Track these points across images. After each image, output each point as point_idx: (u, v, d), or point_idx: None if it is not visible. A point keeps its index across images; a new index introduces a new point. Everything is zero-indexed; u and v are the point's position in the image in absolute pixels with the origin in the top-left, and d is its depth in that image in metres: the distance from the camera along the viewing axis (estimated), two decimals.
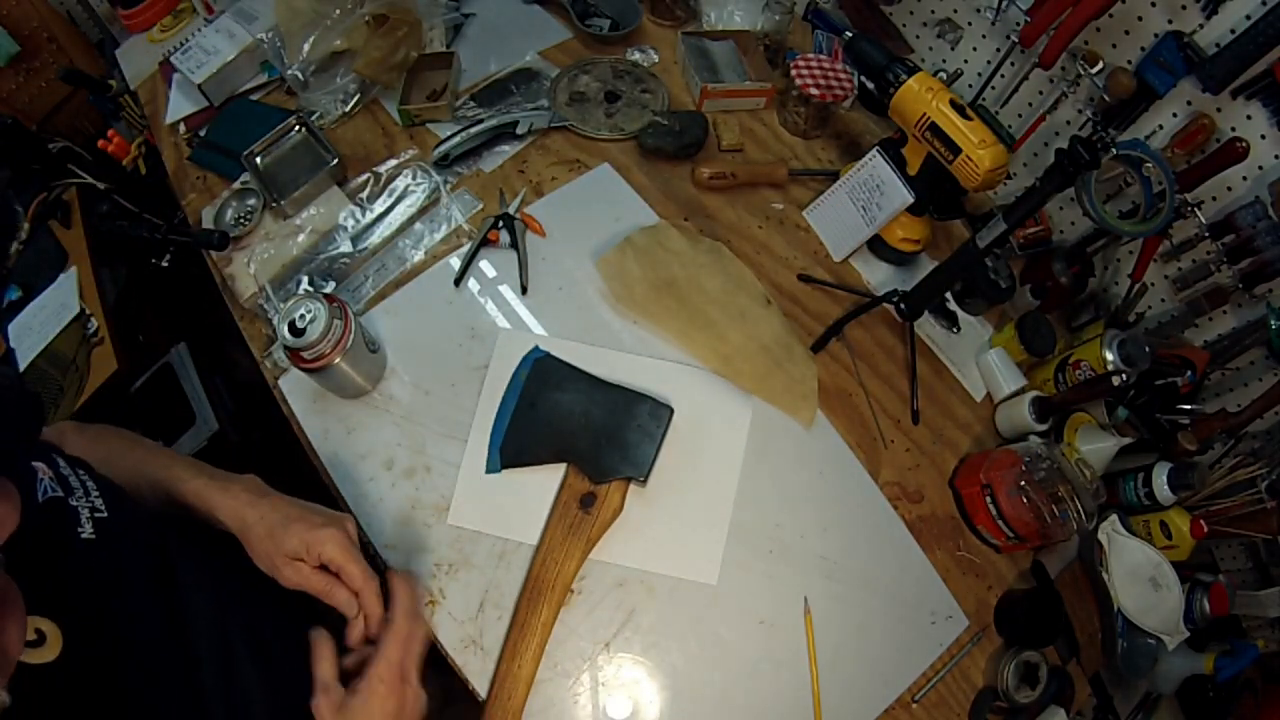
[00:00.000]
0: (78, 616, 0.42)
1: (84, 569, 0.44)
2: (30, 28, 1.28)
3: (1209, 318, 0.97)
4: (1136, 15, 0.88)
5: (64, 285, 1.20)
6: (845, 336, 0.96)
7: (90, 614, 0.43)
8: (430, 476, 0.81)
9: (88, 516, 0.45)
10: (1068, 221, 1.10)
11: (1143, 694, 0.97)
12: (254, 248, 0.98)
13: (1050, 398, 0.94)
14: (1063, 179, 0.71)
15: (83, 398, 1.12)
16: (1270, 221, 0.84)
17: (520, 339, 0.88)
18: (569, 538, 0.77)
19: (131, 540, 0.49)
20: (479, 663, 0.73)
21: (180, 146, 1.10)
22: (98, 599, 0.44)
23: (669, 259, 0.94)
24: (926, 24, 1.17)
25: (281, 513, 0.61)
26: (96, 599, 0.44)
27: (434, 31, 1.13)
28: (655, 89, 1.14)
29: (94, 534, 0.45)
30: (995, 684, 0.81)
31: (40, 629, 0.39)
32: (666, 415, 0.81)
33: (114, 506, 0.48)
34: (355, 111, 1.09)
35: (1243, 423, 0.92)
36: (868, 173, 0.97)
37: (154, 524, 0.54)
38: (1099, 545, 0.90)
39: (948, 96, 0.84)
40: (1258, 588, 0.97)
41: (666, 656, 0.76)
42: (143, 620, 0.48)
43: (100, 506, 0.46)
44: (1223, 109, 0.85)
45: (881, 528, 0.86)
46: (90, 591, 0.44)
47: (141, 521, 0.52)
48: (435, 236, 0.97)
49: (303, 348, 0.72)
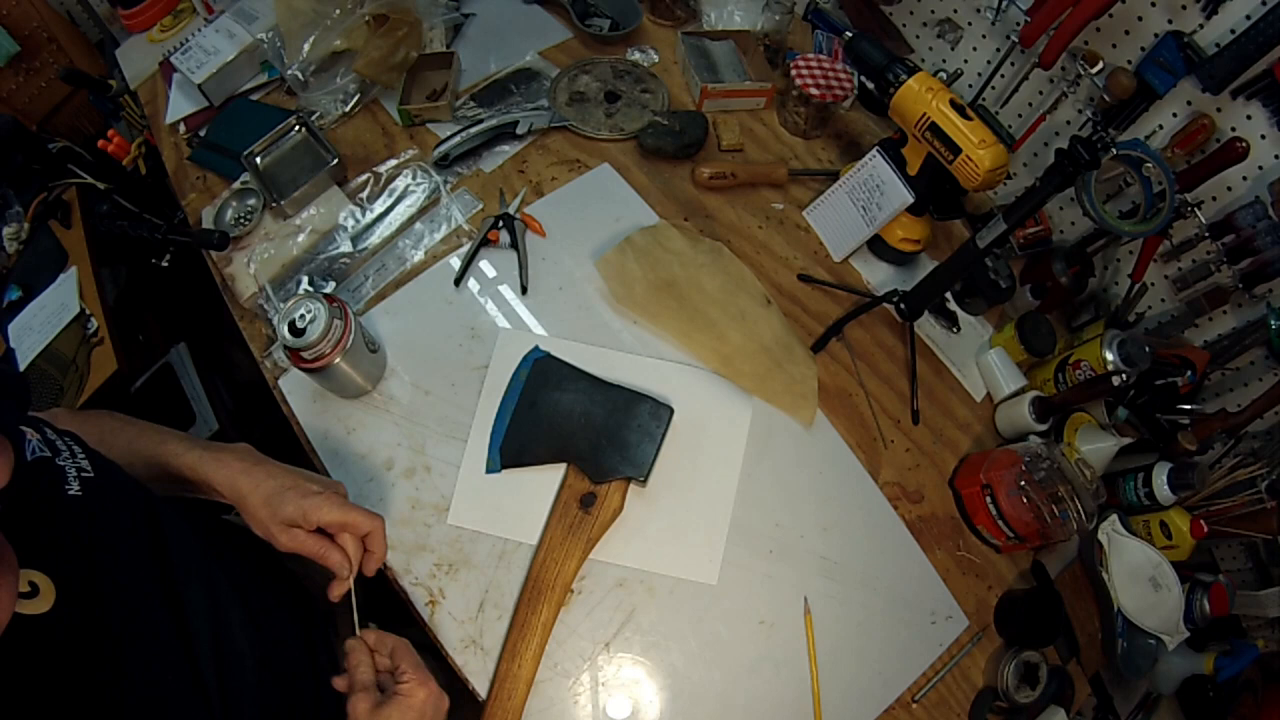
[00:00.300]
0: (69, 570, 0.43)
1: (73, 524, 0.45)
2: (30, 28, 1.28)
3: (1209, 318, 0.97)
4: (1136, 15, 0.88)
5: (64, 285, 1.20)
6: (845, 336, 0.96)
7: (81, 567, 0.44)
8: (430, 476, 0.81)
9: (75, 475, 0.46)
10: (1068, 221, 1.10)
11: (1143, 694, 0.97)
12: (254, 248, 0.98)
13: (1050, 398, 0.94)
14: (1063, 179, 0.71)
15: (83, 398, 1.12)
16: (1270, 221, 0.84)
17: (520, 339, 0.88)
18: (569, 538, 0.77)
19: (118, 499, 0.51)
20: (479, 663, 0.73)
21: (180, 146, 1.10)
22: (87, 553, 0.45)
23: (669, 259, 0.94)
24: (926, 24, 1.17)
25: (277, 480, 0.62)
26: (86, 553, 0.45)
27: (434, 31, 1.13)
28: (655, 89, 1.14)
29: (81, 491, 0.46)
30: (995, 684, 0.81)
31: (34, 581, 0.41)
32: (666, 415, 0.81)
33: (100, 469, 0.49)
34: (355, 111, 1.09)
35: (1243, 423, 0.92)
36: (868, 173, 0.97)
37: (140, 487, 0.55)
38: (1099, 545, 0.90)
39: (948, 96, 0.84)
40: (1258, 588, 0.97)
41: (666, 656, 0.76)
42: (132, 573, 0.49)
43: (87, 468, 0.48)
44: (1223, 109, 0.85)
45: (881, 528, 0.86)
46: (80, 546, 0.45)
47: (128, 484, 0.54)
48: (435, 236, 0.97)
49: (303, 348, 0.72)
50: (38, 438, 0.46)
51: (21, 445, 0.44)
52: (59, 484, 0.45)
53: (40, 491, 0.44)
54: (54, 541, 0.43)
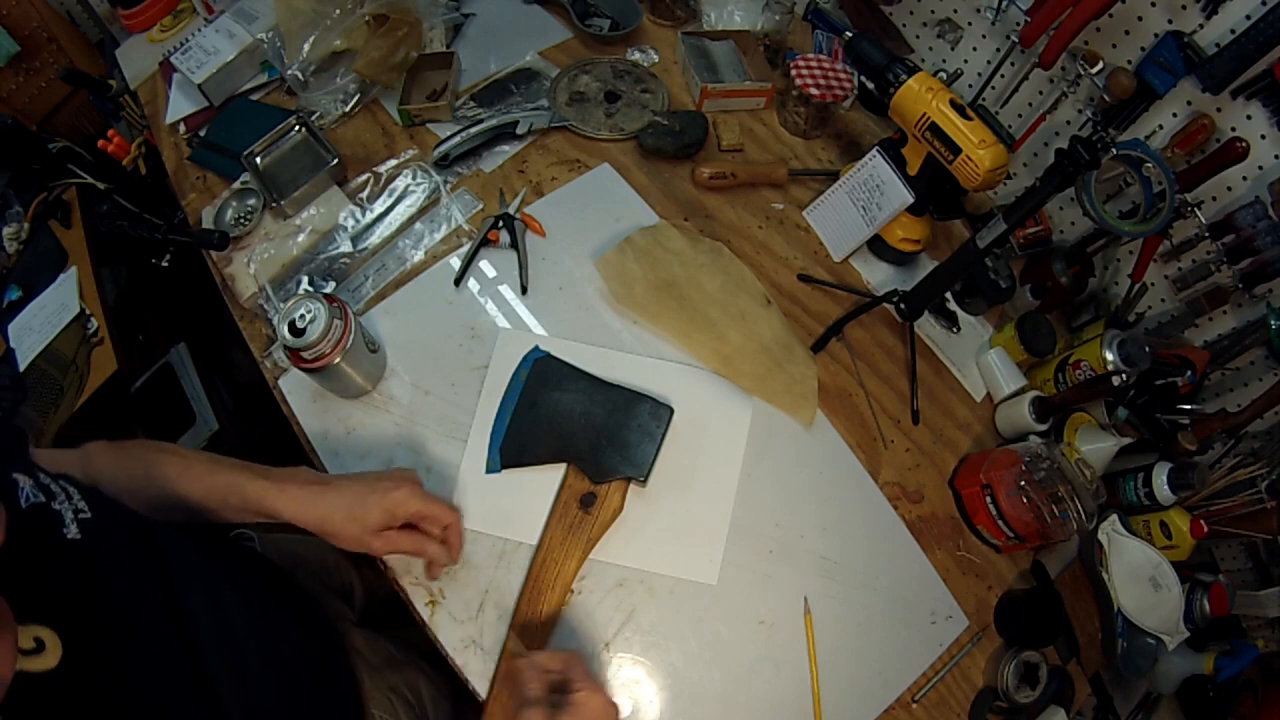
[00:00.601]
0: (74, 619, 0.41)
1: (73, 570, 0.44)
2: (30, 28, 1.28)
3: (1209, 318, 0.97)
4: (1136, 15, 0.88)
5: (64, 285, 1.20)
6: (845, 336, 0.96)
7: (86, 615, 0.43)
8: (430, 476, 0.81)
9: (71, 518, 0.45)
10: (1068, 221, 1.10)
11: (1143, 694, 0.97)
12: (254, 248, 0.98)
13: (1050, 398, 0.94)
14: (1063, 179, 0.71)
15: (83, 398, 1.12)
16: (1270, 221, 0.84)
17: (520, 339, 0.88)
18: (569, 538, 0.77)
19: (118, 535, 0.49)
20: (479, 663, 0.73)
21: (180, 146, 1.10)
22: (91, 599, 0.44)
23: (669, 259, 0.94)
24: (926, 24, 1.17)
25: (350, 494, 0.63)
26: (90, 599, 0.44)
27: (434, 31, 1.13)
28: (655, 89, 1.14)
29: (79, 534, 0.44)
30: (995, 684, 0.81)
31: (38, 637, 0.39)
32: (666, 415, 0.81)
33: (98, 507, 0.47)
34: (355, 111, 1.09)
35: (1243, 423, 0.92)
36: (868, 173, 0.97)
37: (140, 518, 0.54)
38: (1099, 545, 0.90)
39: (948, 96, 0.84)
40: (1258, 588, 0.97)
41: (666, 656, 0.76)
42: (140, 614, 0.47)
43: (84, 509, 0.46)
44: (1223, 109, 0.85)
45: (881, 528, 0.86)
46: (82, 592, 0.43)
47: (127, 516, 0.52)
48: (435, 236, 0.97)
49: (303, 348, 0.72)
50: (31, 483, 0.44)
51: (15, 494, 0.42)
52: (56, 529, 0.44)
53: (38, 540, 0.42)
54: (55, 592, 0.42)
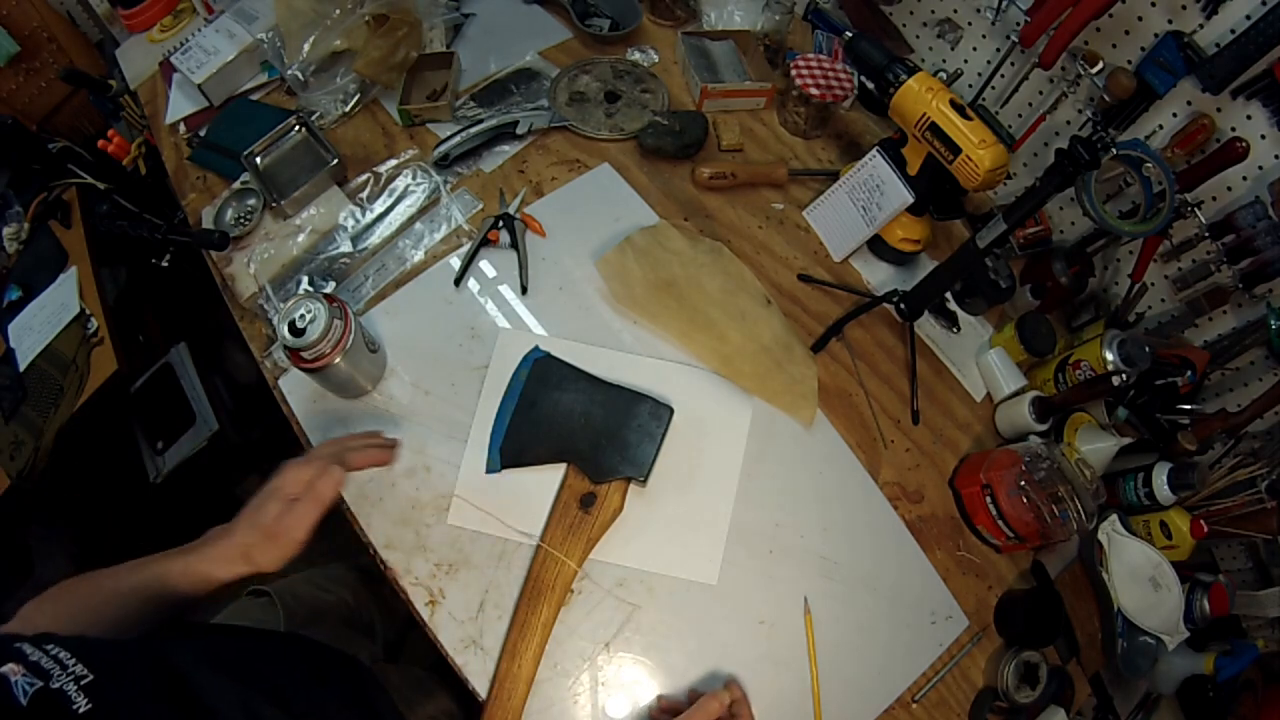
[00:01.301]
0: None
1: None
2: (30, 28, 1.29)
3: (1209, 318, 0.97)
4: (1136, 15, 0.88)
5: (64, 285, 1.20)
6: (845, 336, 0.96)
7: None
8: (430, 476, 0.81)
9: (76, 689, 0.41)
10: (1068, 221, 1.10)
11: (1143, 694, 0.97)
12: (254, 248, 0.98)
13: (1050, 398, 0.94)
14: (1063, 179, 0.71)
15: (83, 398, 1.12)
16: (1270, 221, 0.84)
17: (520, 339, 0.88)
18: (569, 538, 0.77)
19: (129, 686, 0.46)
20: (479, 663, 0.73)
21: (180, 146, 1.10)
22: None
23: (669, 259, 0.94)
24: (926, 24, 1.17)
25: (246, 519, 0.63)
26: None
27: (434, 31, 1.13)
28: (655, 89, 1.14)
29: (90, 703, 0.41)
30: (995, 684, 0.81)
31: None
32: (666, 415, 0.81)
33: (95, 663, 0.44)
34: (355, 111, 1.09)
35: (1243, 423, 0.92)
36: (868, 173, 0.97)
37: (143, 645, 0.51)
38: (1099, 545, 0.90)
39: (948, 96, 0.84)
40: (1258, 588, 0.97)
41: (666, 656, 0.76)
42: None
43: (83, 672, 0.42)
44: (1223, 109, 0.85)
45: (881, 528, 0.86)
46: None
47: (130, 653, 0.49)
48: (435, 236, 0.97)
49: (303, 348, 0.72)
50: (21, 672, 0.40)
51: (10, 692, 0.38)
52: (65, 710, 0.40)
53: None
54: None
